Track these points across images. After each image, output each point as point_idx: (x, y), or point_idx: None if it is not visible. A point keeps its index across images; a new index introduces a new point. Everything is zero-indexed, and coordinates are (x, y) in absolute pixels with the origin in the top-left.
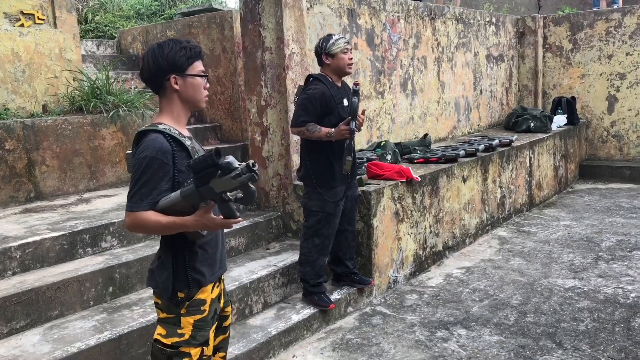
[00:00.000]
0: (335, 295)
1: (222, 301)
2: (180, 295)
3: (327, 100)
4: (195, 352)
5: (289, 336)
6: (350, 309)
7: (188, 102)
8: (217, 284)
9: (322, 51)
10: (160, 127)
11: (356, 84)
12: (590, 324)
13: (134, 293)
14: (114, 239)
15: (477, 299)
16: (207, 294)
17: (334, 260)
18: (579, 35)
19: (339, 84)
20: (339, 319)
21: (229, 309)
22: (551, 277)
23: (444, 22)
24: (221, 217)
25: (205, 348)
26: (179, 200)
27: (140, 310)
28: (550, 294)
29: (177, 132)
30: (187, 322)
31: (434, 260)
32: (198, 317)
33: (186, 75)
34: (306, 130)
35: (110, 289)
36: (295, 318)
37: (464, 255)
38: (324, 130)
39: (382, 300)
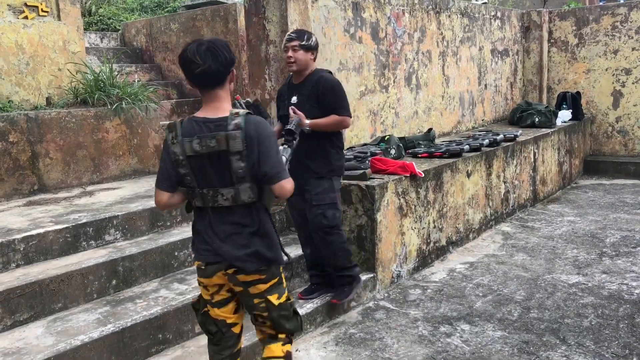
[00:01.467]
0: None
1: None
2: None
3: (279, 97)
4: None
5: None
6: (353, 303)
7: (229, 94)
8: None
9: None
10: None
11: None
12: (594, 320)
13: (137, 286)
14: (117, 232)
15: (480, 294)
16: None
17: (312, 266)
18: (585, 30)
19: (299, 81)
20: (342, 314)
21: None
22: (555, 272)
23: (449, 16)
24: None
25: None
26: None
27: (143, 303)
28: (554, 289)
29: None
30: (284, 277)
31: (438, 255)
32: (281, 268)
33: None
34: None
35: (114, 282)
36: (299, 312)
37: (467, 250)
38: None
39: (386, 295)
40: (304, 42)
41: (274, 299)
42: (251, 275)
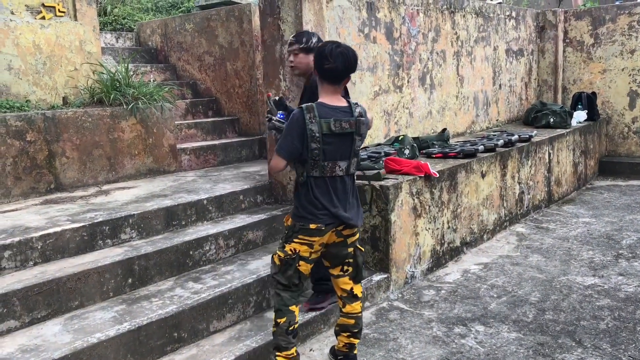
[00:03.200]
0: None
1: None
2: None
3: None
4: None
5: (306, 330)
6: (367, 303)
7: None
8: None
9: None
10: None
11: (268, 96)
12: (610, 323)
13: (152, 285)
14: (133, 230)
15: (495, 296)
16: None
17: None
18: (601, 30)
19: (306, 83)
20: None
21: None
22: (570, 274)
23: (464, 16)
24: None
25: None
26: None
27: (159, 302)
28: (570, 291)
29: None
30: None
31: (452, 255)
32: None
33: None
34: None
35: (130, 280)
36: (313, 312)
37: (481, 251)
38: None
39: (399, 295)
40: (302, 45)
41: (360, 246)
42: (352, 229)
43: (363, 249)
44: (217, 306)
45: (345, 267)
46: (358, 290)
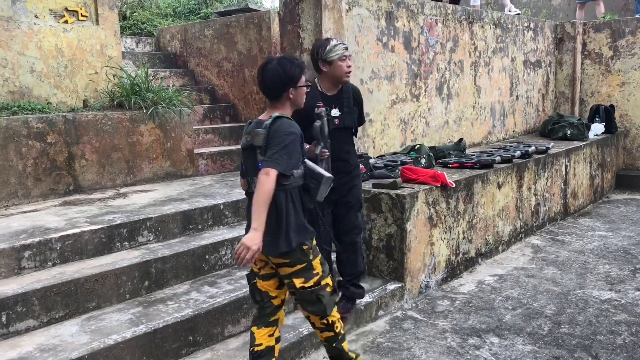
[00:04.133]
0: (366, 298)
1: None
2: (305, 247)
3: (308, 113)
4: (329, 280)
5: (293, 350)
6: (381, 312)
7: (295, 105)
8: None
9: (319, 58)
10: (287, 116)
11: (318, 106)
12: (627, 338)
13: (168, 288)
14: (150, 234)
15: (510, 307)
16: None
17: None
18: (620, 42)
19: (333, 92)
20: (370, 322)
21: None
22: (586, 287)
23: (482, 27)
24: None
25: (330, 275)
26: None
27: (175, 305)
28: (586, 305)
29: None
30: (317, 263)
31: (466, 266)
32: (319, 256)
33: (298, 87)
34: None
35: (146, 283)
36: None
37: (496, 262)
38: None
39: (414, 304)
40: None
41: (297, 282)
42: (277, 259)
43: (317, 285)
44: (232, 311)
45: (294, 296)
46: (316, 321)
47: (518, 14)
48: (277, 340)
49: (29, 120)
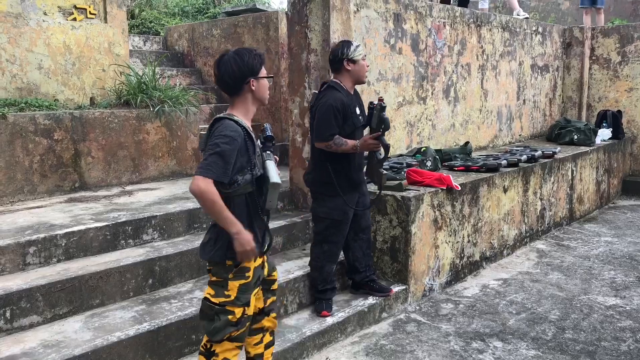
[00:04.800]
0: (369, 300)
1: (266, 269)
2: (229, 263)
3: (345, 110)
4: (238, 311)
5: (323, 338)
6: (384, 314)
7: (258, 99)
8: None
9: (344, 57)
10: (234, 117)
11: (381, 99)
12: (632, 345)
13: (172, 286)
14: (155, 232)
15: (514, 312)
16: (251, 263)
17: (350, 269)
18: (629, 48)
19: (352, 92)
20: (373, 324)
21: (275, 273)
22: (591, 293)
23: (490, 30)
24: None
25: (246, 308)
26: None
27: (178, 303)
28: (590, 311)
29: (246, 124)
30: (234, 286)
31: (471, 270)
32: (242, 281)
33: (259, 78)
34: (333, 144)
35: (150, 281)
36: (330, 320)
37: (501, 266)
38: (350, 143)
39: (417, 307)
40: None
41: (207, 291)
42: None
43: (217, 305)
44: None
45: None
46: (205, 339)
47: (526, 18)
48: (268, 346)
49: (36, 116)
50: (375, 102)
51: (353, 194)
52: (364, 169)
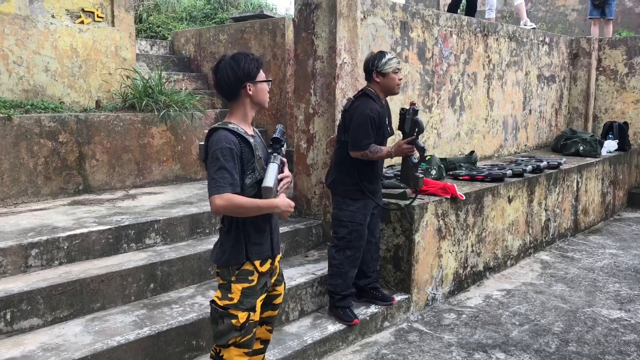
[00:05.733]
0: (372, 309)
1: (273, 278)
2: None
3: (380, 120)
4: (242, 315)
5: (324, 346)
6: (386, 323)
7: (257, 104)
8: (270, 261)
9: (374, 68)
10: (230, 125)
11: (413, 104)
12: (637, 359)
13: (174, 291)
14: (157, 236)
15: (517, 323)
16: (256, 267)
17: (358, 274)
18: (636, 60)
19: (384, 102)
20: (375, 333)
21: (280, 288)
22: (595, 306)
23: (497, 39)
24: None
25: (251, 313)
26: None
27: (179, 309)
28: (594, 323)
29: (243, 130)
30: (237, 289)
31: (474, 280)
32: (246, 285)
33: (257, 82)
34: (369, 152)
35: (152, 285)
36: (332, 328)
37: (504, 277)
38: (385, 150)
39: (420, 317)
40: None
41: (215, 294)
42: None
43: (224, 308)
44: None
45: None
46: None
47: (533, 28)
48: (256, 352)
49: (42, 118)
50: (407, 107)
51: (372, 200)
52: (386, 175)
